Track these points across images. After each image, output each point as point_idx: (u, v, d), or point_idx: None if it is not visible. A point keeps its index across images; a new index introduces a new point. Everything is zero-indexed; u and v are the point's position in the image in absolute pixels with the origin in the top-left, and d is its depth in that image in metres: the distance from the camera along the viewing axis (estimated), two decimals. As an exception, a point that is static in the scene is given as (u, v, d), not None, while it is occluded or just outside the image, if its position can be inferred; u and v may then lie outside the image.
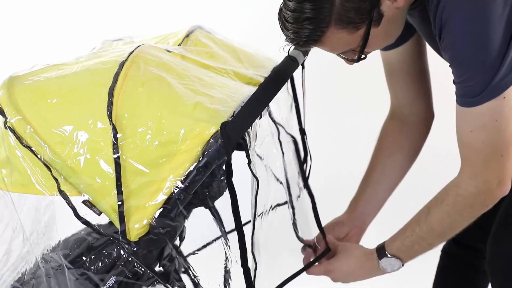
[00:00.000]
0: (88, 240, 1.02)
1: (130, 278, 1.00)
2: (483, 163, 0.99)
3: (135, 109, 0.95)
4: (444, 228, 1.07)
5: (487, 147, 0.98)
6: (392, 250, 1.12)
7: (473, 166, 1.00)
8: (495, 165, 0.99)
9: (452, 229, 1.07)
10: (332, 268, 1.20)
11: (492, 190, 1.01)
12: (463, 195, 1.03)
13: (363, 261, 1.17)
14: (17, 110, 0.95)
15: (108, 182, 0.93)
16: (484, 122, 0.96)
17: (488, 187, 1.01)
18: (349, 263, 1.19)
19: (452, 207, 1.04)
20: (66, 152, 0.94)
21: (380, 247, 1.15)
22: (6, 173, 0.97)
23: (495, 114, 0.96)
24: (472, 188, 1.01)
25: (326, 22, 0.94)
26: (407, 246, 1.10)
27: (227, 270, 1.08)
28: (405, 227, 1.12)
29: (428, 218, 1.07)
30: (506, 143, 0.97)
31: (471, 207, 1.03)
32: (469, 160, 1.00)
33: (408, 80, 1.24)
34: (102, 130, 0.93)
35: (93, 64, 1.01)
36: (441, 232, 1.08)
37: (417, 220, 1.09)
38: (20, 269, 1.03)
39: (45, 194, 0.95)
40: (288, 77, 1.16)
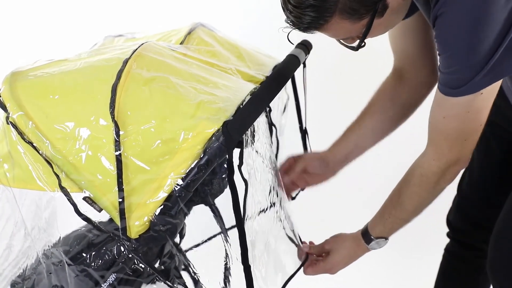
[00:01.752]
0: (89, 237, 1.02)
1: (130, 275, 1.00)
2: (448, 147, 1.05)
3: (138, 107, 0.95)
4: (416, 207, 1.14)
5: (455, 132, 1.03)
6: (376, 233, 1.20)
7: (438, 148, 1.06)
8: (458, 148, 1.05)
9: (423, 205, 1.14)
10: (330, 266, 1.26)
11: (452, 168, 1.08)
12: (427, 175, 1.09)
13: (355, 249, 1.24)
14: (19, 105, 0.95)
15: (109, 179, 0.93)
16: (458, 111, 1.01)
17: (449, 166, 1.07)
18: (343, 255, 1.25)
19: (418, 187, 1.11)
20: (67, 148, 0.94)
21: (364, 232, 1.22)
22: (8, 168, 0.97)
23: (469, 106, 1.00)
24: (434, 168, 1.07)
25: (330, 11, 0.94)
26: (388, 228, 1.18)
27: (227, 267, 1.08)
28: (383, 211, 1.19)
29: (400, 199, 1.14)
30: (472, 131, 1.04)
31: (436, 184, 1.10)
32: (435, 143, 1.06)
33: (413, 37, 1.23)
34: (104, 127, 0.93)
35: (96, 61, 1.01)
36: (414, 210, 1.14)
37: (391, 203, 1.16)
38: (21, 264, 1.03)
39: (46, 190, 0.95)
40: (290, 76, 1.17)
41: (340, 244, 1.26)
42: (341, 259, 1.25)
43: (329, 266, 1.26)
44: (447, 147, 1.06)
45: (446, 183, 1.11)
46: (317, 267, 1.27)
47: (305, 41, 1.23)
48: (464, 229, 1.49)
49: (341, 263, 1.26)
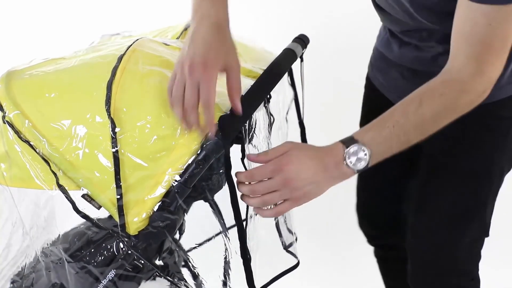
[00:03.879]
0: (88, 234, 1.03)
1: (130, 271, 1.00)
2: (492, 59, 0.93)
3: (134, 103, 0.95)
4: (435, 123, 0.95)
5: (501, 41, 0.92)
6: (364, 138, 0.92)
7: (482, 62, 0.93)
8: (501, 62, 0.94)
9: (440, 124, 0.96)
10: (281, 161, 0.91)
11: (489, 87, 0.95)
12: (468, 91, 0.94)
13: (324, 154, 0.92)
14: (15, 104, 0.95)
15: (107, 176, 0.94)
16: (507, 16, 0.89)
17: (489, 84, 0.95)
18: (306, 154, 0.92)
19: (451, 102, 0.94)
20: (64, 146, 0.94)
21: (346, 138, 0.94)
22: (5, 167, 0.97)
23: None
24: (478, 85, 0.94)
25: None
26: (384, 138, 0.92)
27: (227, 261, 1.08)
28: (385, 117, 0.94)
29: (420, 110, 0.93)
30: (510, 35, 0.92)
31: (470, 104, 0.96)
32: (478, 56, 0.92)
33: None
34: (100, 124, 0.93)
35: (91, 58, 1.01)
36: (429, 127, 0.95)
37: (404, 111, 0.94)
38: (20, 263, 1.03)
39: (44, 189, 0.95)
40: (286, 70, 1.16)
41: (306, 145, 0.96)
42: (301, 156, 0.91)
43: (278, 162, 0.91)
44: (491, 61, 0.93)
45: (475, 105, 0.96)
46: (261, 166, 0.93)
47: (302, 35, 1.23)
48: (377, 234, 1.50)
49: (301, 161, 0.91)
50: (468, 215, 1.22)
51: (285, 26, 1.91)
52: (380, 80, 1.30)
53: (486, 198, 1.21)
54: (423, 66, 1.15)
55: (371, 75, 1.34)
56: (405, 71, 1.20)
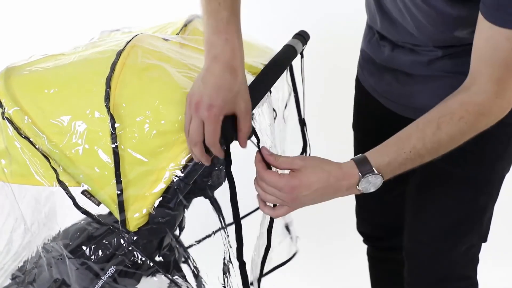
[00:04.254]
0: (88, 230, 1.03)
1: (130, 267, 1.00)
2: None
3: (133, 99, 0.94)
4: (451, 146, 0.94)
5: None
6: (380, 165, 0.91)
7: (504, 85, 0.91)
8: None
9: (455, 146, 0.95)
10: (296, 183, 0.91)
11: (509, 107, 0.94)
12: (486, 114, 0.93)
13: (337, 177, 0.92)
14: (14, 101, 0.95)
15: (107, 172, 0.93)
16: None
17: (510, 105, 0.93)
18: (318, 177, 0.91)
19: (469, 125, 0.92)
20: (64, 142, 0.94)
21: (361, 160, 0.92)
22: (5, 163, 0.97)
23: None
24: (498, 107, 0.93)
25: None
26: (399, 163, 0.92)
27: (227, 259, 1.08)
28: (402, 142, 0.93)
29: (438, 134, 0.92)
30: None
31: (487, 125, 0.94)
32: (500, 79, 0.90)
33: None
34: (100, 120, 0.93)
35: (90, 54, 1.01)
36: (445, 149, 0.94)
37: (422, 135, 0.92)
38: (22, 258, 1.03)
39: (45, 185, 0.95)
40: (287, 66, 1.16)
41: (319, 162, 0.93)
42: (313, 180, 0.91)
43: (297, 182, 0.91)
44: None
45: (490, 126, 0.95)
46: (277, 175, 0.92)
47: (302, 32, 1.22)
48: (376, 235, 1.49)
49: (311, 185, 0.91)
50: (466, 223, 1.20)
51: (285, 22, 1.91)
52: (371, 84, 1.26)
53: (485, 205, 1.19)
54: (419, 70, 1.11)
55: (361, 78, 1.30)
56: (399, 75, 1.15)
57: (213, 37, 0.91)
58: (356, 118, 1.38)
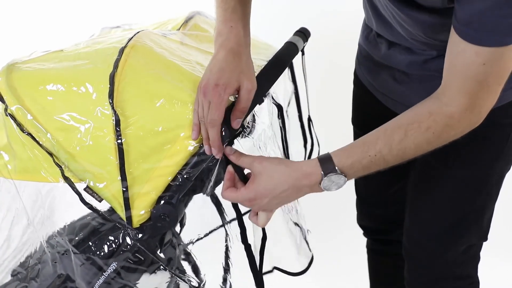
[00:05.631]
0: (93, 225, 1.03)
1: (132, 263, 1.01)
2: (484, 95, 0.91)
3: (136, 95, 0.94)
4: (416, 153, 0.95)
5: (495, 78, 0.90)
6: (342, 165, 0.92)
7: (474, 98, 0.91)
8: (494, 96, 0.92)
9: (421, 153, 0.96)
10: (255, 193, 0.92)
11: (479, 121, 0.94)
12: (454, 126, 0.93)
13: (297, 177, 0.92)
14: (16, 97, 0.95)
15: (112, 168, 0.93)
16: (502, 55, 0.87)
17: (479, 119, 0.94)
18: (275, 183, 0.92)
19: (436, 136, 0.93)
20: (68, 139, 0.94)
21: (324, 159, 0.93)
22: (9, 160, 0.96)
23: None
24: (466, 121, 0.93)
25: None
26: (363, 166, 0.93)
27: (228, 255, 1.09)
28: (368, 145, 0.93)
29: (404, 142, 0.93)
30: (507, 72, 0.91)
31: (454, 137, 0.95)
32: (470, 92, 0.90)
33: None
34: (104, 117, 0.93)
35: (92, 51, 1.01)
36: (410, 156, 0.95)
37: (388, 141, 0.93)
38: (22, 254, 1.03)
39: (50, 181, 0.95)
40: (288, 63, 1.16)
41: (277, 165, 0.92)
42: (270, 187, 0.91)
43: (253, 193, 0.92)
44: (483, 96, 0.91)
45: (459, 136, 0.96)
46: (234, 192, 0.94)
47: (303, 29, 1.22)
48: (376, 228, 1.49)
49: (270, 192, 0.91)
50: (465, 223, 1.20)
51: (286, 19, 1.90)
52: (369, 80, 1.26)
53: (483, 205, 1.19)
54: (415, 70, 1.11)
55: (359, 73, 1.30)
56: (396, 73, 1.15)
57: (220, 26, 0.97)
58: (355, 113, 1.38)
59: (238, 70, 0.94)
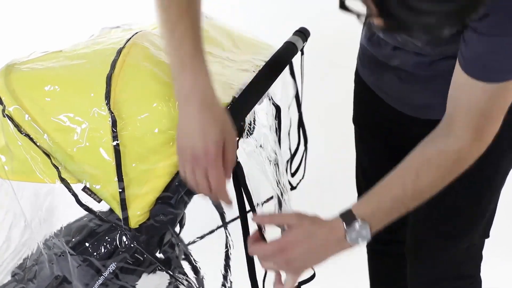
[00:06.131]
0: (90, 226, 1.03)
1: (131, 264, 1.01)
2: (490, 126, 0.93)
3: (134, 96, 0.94)
4: (432, 191, 0.95)
5: (500, 110, 0.91)
6: (362, 215, 0.91)
7: (480, 131, 0.92)
8: (498, 125, 0.93)
9: (438, 190, 0.96)
10: (284, 245, 0.91)
11: (486, 146, 0.95)
12: (464, 159, 0.94)
13: (326, 232, 0.91)
14: (14, 98, 0.95)
15: (109, 170, 0.93)
16: (506, 88, 0.89)
17: (486, 144, 0.94)
18: (307, 235, 0.91)
19: (448, 172, 0.94)
20: (65, 140, 0.94)
21: (345, 213, 0.92)
22: (6, 161, 0.97)
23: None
24: (475, 151, 0.94)
25: None
26: (383, 212, 0.93)
27: (228, 255, 1.08)
28: (383, 191, 0.94)
29: (417, 182, 0.93)
30: (509, 103, 0.92)
31: (466, 167, 0.96)
32: (477, 126, 0.92)
33: None
34: (101, 118, 0.93)
35: (91, 52, 1.01)
36: (427, 195, 0.96)
37: (402, 184, 0.93)
38: (21, 255, 1.03)
39: (46, 182, 0.95)
40: (287, 63, 1.16)
41: (306, 219, 0.92)
42: (302, 238, 0.90)
43: (282, 244, 0.91)
44: (490, 128, 0.93)
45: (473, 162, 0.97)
46: (263, 244, 0.93)
47: (302, 29, 1.22)
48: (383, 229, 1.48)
49: (300, 246, 0.90)
50: (468, 220, 1.19)
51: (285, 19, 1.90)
52: (372, 79, 1.25)
53: (487, 202, 1.18)
54: (422, 70, 1.10)
55: (361, 72, 1.28)
56: (402, 73, 1.14)
57: (181, 76, 0.89)
58: (356, 112, 1.38)
59: (219, 126, 0.89)
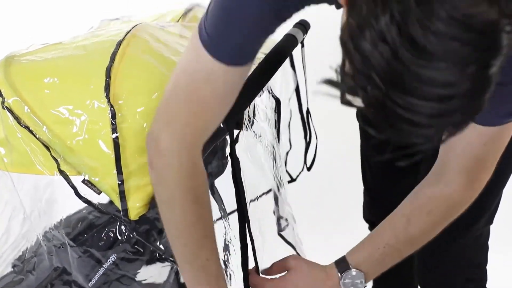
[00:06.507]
0: (90, 218, 1.03)
1: (131, 254, 1.01)
2: (483, 172, 0.93)
3: (133, 89, 0.94)
4: (425, 238, 0.97)
5: (494, 155, 0.91)
6: (356, 262, 0.95)
7: (473, 176, 0.93)
8: (491, 170, 0.93)
9: (430, 237, 0.98)
10: (285, 284, 0.98)
11: (477, 194, 0.95)
12: (455, 206, 0.96)
13: (323, 278, 0.97)
14: (14, 90, 0.95)
15: (108, 162, 0.94)
16: (502, 135, 0.90)
17: (477, 192, 0.95)
18: (305, 279, 0.97)
19: (440, 218, 0.96)
20: (64, 132, 0.94)
21: (340, 260, 0.97)
22: (5, 153, 0.97)
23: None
24: (467, 198, 0.95)
25: None
26: (376, 260, 0.96)
27: (227, 245, 1.09)
28: (376, 238, 0.97)
29: (409, 229, 0.95)
30: (503, 148, 0.92)
31: (457, 214, 0.97)
32: (470, 171, 0.92)
33: None
34: (100, 111, 0.93)
35: (90, 44, 1.01)
36: (420, 242, 0.97)
37: (393, 231, 0.96)
38: (21, 247, 1.04)
39: (45, 174, 0.95)
40: (287, 55, 1.15)
41: (305, 264, 0.99)
42: (301, 282, 0.97)
43: (283, 284, 0.98)
44: (482, 174, 0.93)
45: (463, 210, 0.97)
46: (268, 282, 0.99)
47: (303, 21, 1.22)
48: None
49: (301, 283, 0.97)
50: (477, 209, 1.18)
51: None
52: None
53: (498, 190, 1.18)
54: None
55: None
56: None
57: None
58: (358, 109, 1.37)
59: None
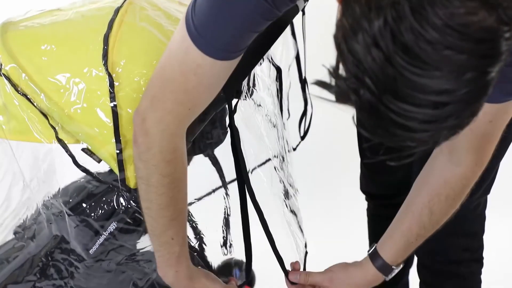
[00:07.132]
0: (88, 188, 1.03)
1: (130, 224, 1.02)
2: (490, 148, 0.96)
3: (131, 57, 0.93)
4: (447, 218, 1.03)
5: (499, 130, 0.94)
6: (393, 259, 1.05)
7: (481, 152, 0.96)
8: (496, 142, 0.96)
9: (454, 213, 1.03)
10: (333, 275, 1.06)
11: (484, 166, 0.99)
12: (469, 183, 1.00)
13: (361, 276, 1.06)
14: (11, 57, 0.94)
15: (106, 130, 0.93)
16: (506, 109, 0.91)
17: (485, 164, 0.98)
18: (347, 281, 1.06)
19: (458, 196, 1.00)
20: (63, 100, 0.93)
21: (383, 267, 1.05)
22: (3, 120, 0.96)
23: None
24: (478, 172, 0.99)
25: None
26: (410, 250, 1.05)
27: (227, 217, 1.10)
28: (406, 235, 1.03)
29: (432, 217, 1.01)
30: (507, 122, 0.94)
31: (471, 187, 1.01)
32: (478, 148, 0.95)
33: None
34: (98, 79, 0.92)
35: (88, 10, 0.99)
36: (444, 221, 1.03)
37: (421, 224, 1.02)
38: (21, 215, 1.04)
39: (43, 142, 0.95)
40: (288, 23, 1.14)
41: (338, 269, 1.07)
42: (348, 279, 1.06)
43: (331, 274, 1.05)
44: (490, 150, 0.96)
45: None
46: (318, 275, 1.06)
47: (304, -12, 1.19)
48: (381, 194, 1.47)
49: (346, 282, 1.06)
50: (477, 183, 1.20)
51: None
52: None
53: (495, 164, 1.18)
54: None
55: None
56: None
57: (165, 269, 0.97)
58: None
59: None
